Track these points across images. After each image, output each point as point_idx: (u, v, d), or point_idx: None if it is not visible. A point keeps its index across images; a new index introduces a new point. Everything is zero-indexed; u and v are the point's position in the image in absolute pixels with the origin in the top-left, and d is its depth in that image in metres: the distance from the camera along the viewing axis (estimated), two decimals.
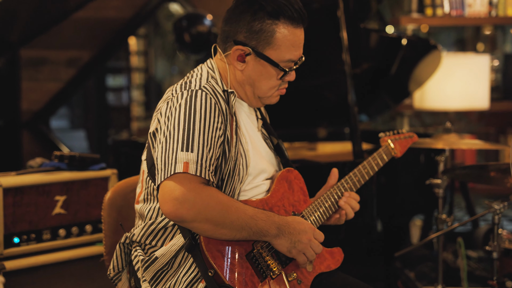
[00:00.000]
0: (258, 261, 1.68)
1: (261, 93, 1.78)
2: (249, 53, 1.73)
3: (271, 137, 1.91)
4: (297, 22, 1.73)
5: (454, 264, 2.96)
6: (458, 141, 2.48)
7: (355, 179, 1.95)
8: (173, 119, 1.65)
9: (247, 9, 1.72)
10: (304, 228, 1.70)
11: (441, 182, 2.48)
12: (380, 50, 3.62)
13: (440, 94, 3.68)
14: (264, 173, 1.81)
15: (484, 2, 3.96)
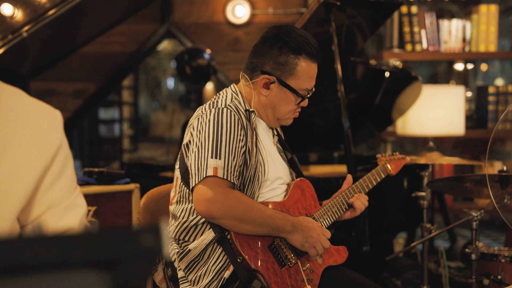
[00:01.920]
0: (278, 251, 2.00)
1: (280, 115, 2.12)
2: (274, 81, 2.07)
3: (285, 151, 2.25)
4: (315, 58, 2.09)
5: (436, 271, 3.28)
6: (440, 158, 2.83)
7: (357, 190, 2.28)
8: (204, 132, 1.98)
9: (274, 45, 2.08)
10: (313, 226, 2.03)
11: (426, 194, 2.81)
12: (366, 81, 3.97)
13: (420, 122, 4.04)
14: (279, 179, 2.13)
15: (458, 39, 4.36)
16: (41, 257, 0.63)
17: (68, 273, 0.65)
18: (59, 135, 1.20)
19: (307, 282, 2.04)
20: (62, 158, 1.21)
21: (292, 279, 2.02)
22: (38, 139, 1.17)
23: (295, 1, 4.60)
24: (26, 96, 1.21)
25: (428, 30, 4.33)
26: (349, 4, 3.28)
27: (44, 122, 1.20)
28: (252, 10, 4.55)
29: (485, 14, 4.34)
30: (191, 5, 4.58)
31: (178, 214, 2.07)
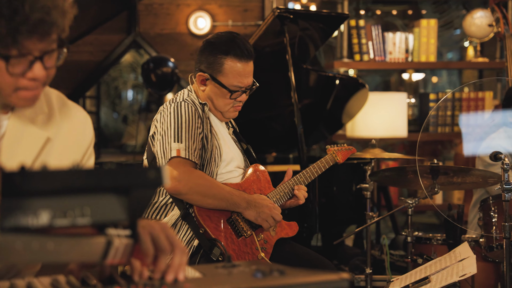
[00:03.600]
0: (235, 224, 2.34)
1: (219, 108, 2.49)
2: (208, 78, 2.44)
3: (240, 142, 2.60)
4: (243, 58, 2.44)
5: (380, 257, 3.65)
6: (381, 153, 3.20)
7: (307, 175, 2.64)
8: (166, 122, 2.34)
9: (207, 48, 2.45)
10: (266, 203, 2.38)
11: (369, 186, 3.17)
12: (319, 87, 4.32)
13: (367, 125, 4.42)
14: (234, 161, 2.48)
15: (402, 50, 4.77)
16: (82, 183, 0.94)
17: (99, 195, 0.96)
18: (92, 133, 1.59)
19: (261, 250, 2.38)
20: (91, 149, 1.59)
21: (248, 248, 2.36)
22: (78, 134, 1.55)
23: (253, 14, 4.94)
24: (66, 98, 1.57)
25: (375, 41, 4.72)
26: (301, 17, 3.64)
27: (82, 121, 1.58)
28: (213, 22, 4.88)
29: (425, 27, 4.76)
30: (155, 17, 4.88)
31: None
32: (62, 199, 0.95)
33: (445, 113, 4.81)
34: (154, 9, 4.87)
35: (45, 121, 1.50)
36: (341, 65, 4.71)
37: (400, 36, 4.74)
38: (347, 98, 4.34)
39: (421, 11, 5.39)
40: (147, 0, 4.84)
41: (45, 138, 1.47)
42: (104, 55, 4.88)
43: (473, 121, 4.57)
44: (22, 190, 0.91)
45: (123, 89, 11.50)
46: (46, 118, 1.51)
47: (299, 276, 1.24)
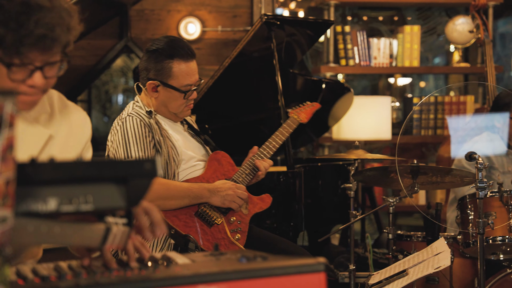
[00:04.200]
0: (204, 215, 2.49)
1: (174, 110, 2.63)
2: (159, 85, 2.57)
3: (198, 135, 2.74)
4: (187, 58, 2.58)
5: (363, 255, 3.78)
6: (364, 154, 3.33)
7: (270, 146, 2.78)
8: (115, 141, 2.49)
9: (152, 56, 2.58)
10: (228, 186, 2.53)
11: (352, 185, 3.30)
12: (306, 91, 4.46)
13: (353, 128, 4.56)
14: (194, 158, 2.62)
15: (386, 55, 4.91)
16: (85, 174, 1.07)
17: (100, 184, 1.09)
18: (90, 130, 1.76)
19: (237, 231, 2.53)
20: (89, 143, 1.75)
21: (222, 233, 2.50)
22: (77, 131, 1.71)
23: (242, 20, 5.07)
24: (66, 99, 1.73)
25: (360, 47, 4.86)
26: (287, 23, 3.77)
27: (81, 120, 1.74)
28: (203, 27, 5.00)
29: (409, 33, 4.91)
30: (147, 23, 5.00)
31: None
32: (68, 187, 1.07)
33: (428, 117, 4.95)
34: (146, 14, 5.00)
35: (48, 120, 1.64)
36: (327, 69, 4.85)
37: (385, 41, 4.89)
38: (333, 102, 4.48)
39: (406, 18, 5.54)
40: (138, 6, 4.96)
41: (47, 135, 1.60)
42: (96, 59, 5.00)
43: (455, 124, 4.72)
44: (33, 180, 1.03)
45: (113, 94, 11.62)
46: (48, 117, 1.64)
47: (280, 261, 1.36)
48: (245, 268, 1.31)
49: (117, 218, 1.25)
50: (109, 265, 1.30)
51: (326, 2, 4.83)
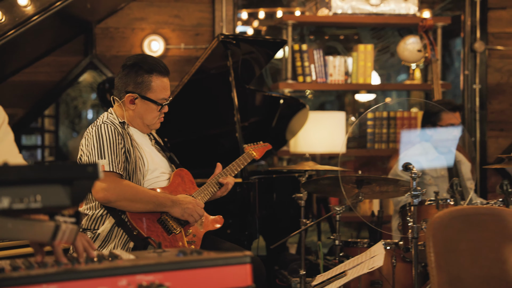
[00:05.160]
0: (165, 223, 2.67)
1: (148, 122, 2.82)
2: (137, 97, 2.76)
3: (164, 151, 2.93)
4: (164, 74, 2.81)
5: (315, 261, 3.98)
6: (315, 166, 3.54)
7: (227, 173, 2.99)
8: (90, 144, 2.66)
9: (131, 70, 2.79)
10: (189, 200, 2.73)
11: (303, 195, 3.50)
12: (264, 107, 4.67)
13: (309, 141, 4.78)
14: (158, 169, 2.81)
15: (342, 72, 5.15)
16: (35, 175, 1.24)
17: (48, 185, 1.26)
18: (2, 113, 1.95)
19: (192, 243, 2.72)
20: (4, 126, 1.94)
21: (178, 243, 2.69)
22: None
23: (204, 38, 5.27)
24: None
25: (317, 64, 5.09)
26: (243, 41, 3.97)
27: None
28: (166, 45, 5.19)
29: (363, 52, 5.16)
30: (111, 40, 5.17)
31: (86, 212, 2.74)
32: (19, 188, 1.24)
33: (381, 131, 5.19)
34: (110, 32, 5.16)
35: None
36: (285, 86, 5.06)
37: (340, 59, 5.12)
38: (290, 117, 4.69)
39: (360, 37, 5.80)
40: (103, 24, 5.13)
41: None
42: (62, 75, 5.14)
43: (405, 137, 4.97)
44: None
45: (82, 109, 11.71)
46: None
47: (212, 255, 1.55)
48: (180, 260, 1.49)
49: (66, 217, 1.42)
50: (60, 260, 1.47)
51: (284, 22, 5.05)
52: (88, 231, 2.72)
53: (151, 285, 1.40)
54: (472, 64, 5.47)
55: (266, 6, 6.28)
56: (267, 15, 6.27)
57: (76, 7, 4.32)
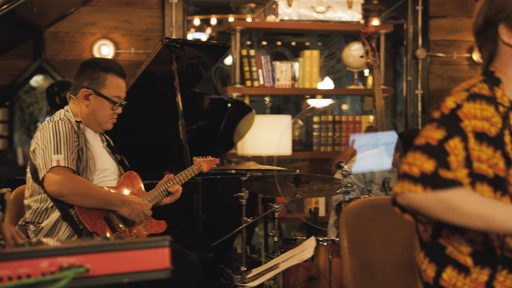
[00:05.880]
0: (111, 221, 2.75)
1: (100, 120, 2.90)
2: (91, 93, 2.86)
3: (115, 154, 3.02)
4: (119, 74, 2.91)
5: (258, 259, 4.09)
6: (256, 165, 3.66)
7: (176, 181, 3.08)
8: (46, 138, 2.73)
9: (88, 67, 2.89)
10: (137, 201, 2.81)
11: (244, 194, 3.61)
12: (212, 110, 4.77)
13: (255, 144, 4.90)
14: (107, 170, 2.89)
15: (288, 77, 5.30)
16: None
17: None
18: None
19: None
20: None
21: None
22: None
23: (154, 43, 5.35)
24: None
25: (264, 69, 5.23)
26: (187, 45, 4.08)
27: None
28: (116, 49, 5.26)
29: (309, 57, 5.32)
30: (61, 44, 5.22)
31: (31, 205, 2.80)
32: None
33: (327, 134, 5.35)
34: (60, 36, 5.21)
35: None
36: (233, 90, 5.18)
37: (287, 65, 5.27)
38: (237, 120, 4.80)
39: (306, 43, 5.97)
40: (53, 28, 5.18)
41: None
42: (11, 79, 5.17)
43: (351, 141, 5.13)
44: None
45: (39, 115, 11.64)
46: None
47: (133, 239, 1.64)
48: (100, 244, 1.58)
49: None
50: None
51: (233, 28, 5.18)
52: (31, 225, 2.78)
53: (71, 266, 1.49)
54: (415, 70, 5.69)
55: (218, 12, 6.41)
56: (220, 22, 6.39)
57: (23, 11, 4.37)
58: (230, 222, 4.23)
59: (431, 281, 1.70)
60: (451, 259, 1.68)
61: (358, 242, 1.95)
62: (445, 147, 1.60)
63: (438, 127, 1.63)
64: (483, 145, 1.63)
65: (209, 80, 5.88)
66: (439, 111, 1.68)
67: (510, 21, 1.71)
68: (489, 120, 1.65)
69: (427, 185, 1.57)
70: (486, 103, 1.67)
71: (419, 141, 1.65)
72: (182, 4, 5.33)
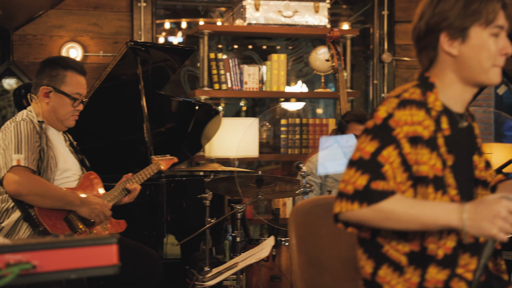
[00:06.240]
0: (71, 221, 2.79)
1: (61, 117, 2.94)
2: (51, 91, 2.89)
3: (77, 154, 3.05)
4: (80, 72, 2.95)
5: (223, 260, 4.14)
6: (219, 167, 3.71)
7: (137, 179, 3.13)
8: (7, 138, 2.76)
9: (47, 65, 2.94)
10: (97, 201, 2.84)
11: (208, 195, 3.66)
12: (180, 113, 4.81)
13: (223, 146, 4.95)
14: (69, 170, 2.93)
15: (256, 80, 5.36)
16: None
17: None
18: None
19: None
20: None
21: None
22: None
23: None
24: None
25: (232, 72, 5.29)
26: (152, 48, 4.12)
27: None
28: (84, 52, 5.28)
29: (276, 61, 5.39)
30: (29, 47, 5.23)
31: None
32: None
33: (294, 137, 5.42)
34: (28, 39, 5.22)
35: None
36: (202, 93, 5.23)
37: (254, 68, 5.33)
38: (205, 123, 4.85)
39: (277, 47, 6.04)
40: (21, 31, 5.18)
41: None
42: None
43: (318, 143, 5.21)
44: None
45: None
46: None
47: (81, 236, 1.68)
48: (48, 241, 1.62)
49: None
50: None
51: (201, 31, 5.23)
52: None
53: (18, 263, 1.53)
54: (381, 74, 5.78)
55: (188, 16, 6.45)
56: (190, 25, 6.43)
57: None
58: (196, 223, 4.28)
59: (369, 277, 1.76)
60: (387, 258, 1.74)
61: (306, 239, 2.01)
62: (378, 159, 1.67)
63: (371, 140, 1.70)
64: (418, 148, 1.69)
65: (178, 83, 5.92)
66: (372, 120, 1.74)
67: (452, 30, 1.75)
68: (421, 124, 1.71)
69: (363, 201, 1.65)
70: (416, 108, 1.72)
71: (354, 155, 1.71)
72: (151, 8, 5.37)
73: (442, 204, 1.65)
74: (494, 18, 1.73)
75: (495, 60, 1.76)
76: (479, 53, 1.75)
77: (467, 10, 1.73)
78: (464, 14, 1.73)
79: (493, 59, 1.75)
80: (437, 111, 1.76)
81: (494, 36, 1.75)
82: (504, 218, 1.57)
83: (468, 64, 1.76)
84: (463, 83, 1.80)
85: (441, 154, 1.72)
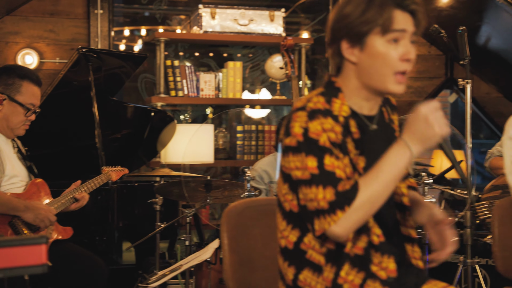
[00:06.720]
0: (15, 226, 2.81)
1: (13, 126, 2.97)
2: (5, 99, 2.93)
3: (25, 161, 3.08)
4: (35, 83, 2.98)
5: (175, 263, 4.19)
6: (170, 172, 3.76)
7: (87, 187, 3.15)
8: None
9: (3, 73, 2.96)
10: (42, 207, 2.88)
11: (158, 200, 3.71)
12: (136, 119, 4.85)
13: (178, 152, 5.00)
14: (16, 177, 2.96)
15: (212, 87, 5.43)
16: None
17: None
18: None
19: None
20: None
21: None
22: None
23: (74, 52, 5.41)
24: None
25: (188, 79, 5.35)
26: (104, 54, 4.16)
27: None
28: (40, 59, 5.29)
29: (232, 68, 5.47)
30: None
31: None
32: None
33: (250, 143, 5.50)
34: None
35: None
36: (158, 100, 5.28)
37: (210, 75, 5.40)
38: (160, 129, 4.90)
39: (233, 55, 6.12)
40: None
41: None
42: None
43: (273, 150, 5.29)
44: None
45: None
46: None
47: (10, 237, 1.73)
48: None
49: None
50: None
51: (157, 39, 5.28)
52: None
53: None
54: None
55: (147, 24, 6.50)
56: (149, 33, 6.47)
57: None
58: (148, 228, 4.32)
59: (291, 283, 1.80)
60: (309, 262, 1.77)
61: (238, 239, 2.07)
62: (327, 169, 1.67)
63: (307, 156, 1.69)
64: (339, 153, 1.72)
65: (136, 89, 5.96)
66: (290, 138, 1.73)
67: (351, 38, 1.76)
68: (332, 130, 1.72)
69: (343, 206, 1.64)
70: (323, 116, 1.72)
71: (303, 175, 1.70)
72: (108, 15, 5.40)
73: (392, 153, 1.68)
74: (389, 26, 1.73)
75: (395, 67, 1.75)
76: (375, 62, 1.75)
77: (362, 18, 1.74)
78: (360, 22, 1.74)
79: (392, 66, 1.75)
80: (344, 116, 1.78)
81: (393, 43, 1.75)
82: (435, 117, 1.63)
83: (367, 72, 1.77)
84: (367, 90, 1.81)
85: (352, 158, 1.75)
